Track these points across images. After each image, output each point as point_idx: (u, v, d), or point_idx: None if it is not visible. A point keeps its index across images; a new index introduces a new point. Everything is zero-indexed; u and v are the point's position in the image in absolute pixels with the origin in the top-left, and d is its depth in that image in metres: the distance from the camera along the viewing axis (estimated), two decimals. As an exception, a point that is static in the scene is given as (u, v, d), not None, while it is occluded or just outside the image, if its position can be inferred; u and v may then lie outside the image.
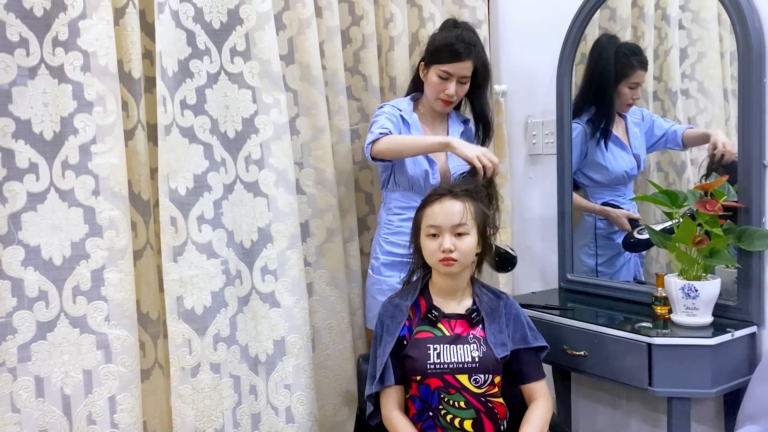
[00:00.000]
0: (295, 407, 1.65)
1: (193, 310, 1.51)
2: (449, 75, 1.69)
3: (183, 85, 1.52)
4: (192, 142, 1.54)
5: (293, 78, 1.73)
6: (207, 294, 1.54)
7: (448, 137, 1.65)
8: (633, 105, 1.78)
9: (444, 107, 1.75)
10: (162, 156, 1.48)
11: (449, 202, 1.41)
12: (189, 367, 1.51)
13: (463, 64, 1.68)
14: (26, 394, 1.42)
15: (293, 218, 1.65)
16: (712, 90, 1.64)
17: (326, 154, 1.75)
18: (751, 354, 1.50)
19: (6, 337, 1.40)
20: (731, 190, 1.50)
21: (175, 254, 1.49)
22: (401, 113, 1.73)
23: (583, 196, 1.90)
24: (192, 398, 1.51)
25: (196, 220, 1.53)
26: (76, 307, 1.45)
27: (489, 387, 1.38)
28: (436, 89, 1.71)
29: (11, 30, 1.38)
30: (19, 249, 1.41)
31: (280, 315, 1.64)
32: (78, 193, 1.45)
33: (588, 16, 1.82)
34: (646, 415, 1.82)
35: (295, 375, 1.65)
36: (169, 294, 1.49)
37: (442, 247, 1.38)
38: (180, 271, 1.49)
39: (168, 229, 1.49)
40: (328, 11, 1.76)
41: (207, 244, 1.55)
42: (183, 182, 1.51)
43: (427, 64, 1.73)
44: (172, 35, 1.49)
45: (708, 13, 1.62)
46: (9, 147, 1.40)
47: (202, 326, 1.53)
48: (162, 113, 1.47)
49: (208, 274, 1.54)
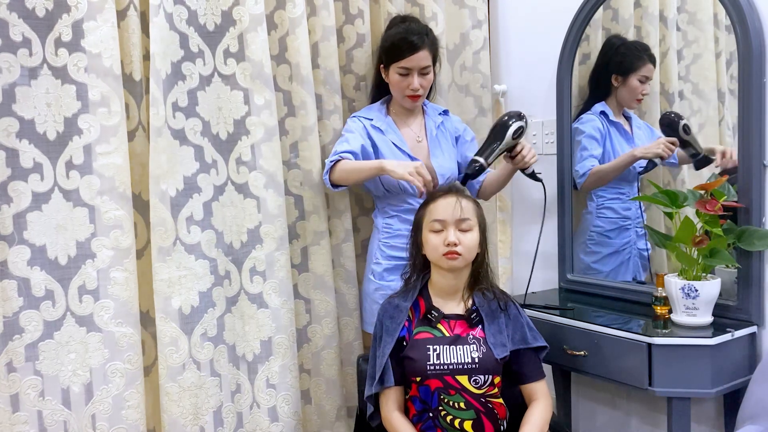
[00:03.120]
0: (280, 406, 1.67)
1: (180, 309, 1.53)
2: (409, 69, 1.69)
3: (175, 87, 1.53)
4: (183, 144, 1.55)
5: (283, 78, 1.73)
6: (195, 294, 1.55)
7: (379, 161, 1.62)
8: (642, 100, 1.77)
9: (413, 103, 1.75)
10: (153, 157, 1.49)
11: (453, 198, 1.43)
12: (176, 365, 1.52)
13: (419, 54, 1.67)
14: (33, 394, 1.43)
15: (282, 220, 1.66)
16: (707, 91, 1.65)
17: (314, 155, 1.74)
18: (751, 354, 1.51)
19: (13, 337, 1.42)
20: (731, 190, 1.50)
21: (164, 255, 1.51)
22: (372, 122, 1.73)
23: (584, 195, 1.91)
24: (178, 396, 1.52)
25: (185, 221, 1.54)
26: (82, 306, 1.47)
27: (489, 388, 1.39)
28: (401, 86, 1.71)
29: (14, 30, 1.39)
30: (24, 249, 1.42)
31: (268, 315, 1.66)
32: (83, 193, 1.46)
33: (588, 16, 1.82)
34: (646, 415, 1.83)
35: (281, 375, 1.66)
36: (158, 294, 1.51)
37: (446, 241, 1.39)
38: (168, 272, 1.51)
39: (158, 229, 1.50)
40: (324, 10, 1.75)
41: (195, 244, 1.56)
42: (173, 183, 1.52)
43: (386, 65, 1.72)
44: (166, 37, 1.50)
45: (704, 14, 1.63)
46: (13, 146, 1.41)
47: (189, 326, 1.54)
48: (154, 115, 1.48)
49: (196, 274, 1.55)
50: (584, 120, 1.87)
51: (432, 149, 1.78)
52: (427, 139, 1.79)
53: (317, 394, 1.81)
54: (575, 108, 1.89)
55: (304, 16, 1.70)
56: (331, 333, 1.79)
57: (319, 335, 1.79)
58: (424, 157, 1.77)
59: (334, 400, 1.82)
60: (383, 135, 1.74)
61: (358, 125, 1.74)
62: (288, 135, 1.75)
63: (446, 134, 1.83)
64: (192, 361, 1.54)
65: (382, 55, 1.74)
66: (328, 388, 1.81)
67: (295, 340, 1.70)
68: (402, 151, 1.74)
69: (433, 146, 1.79)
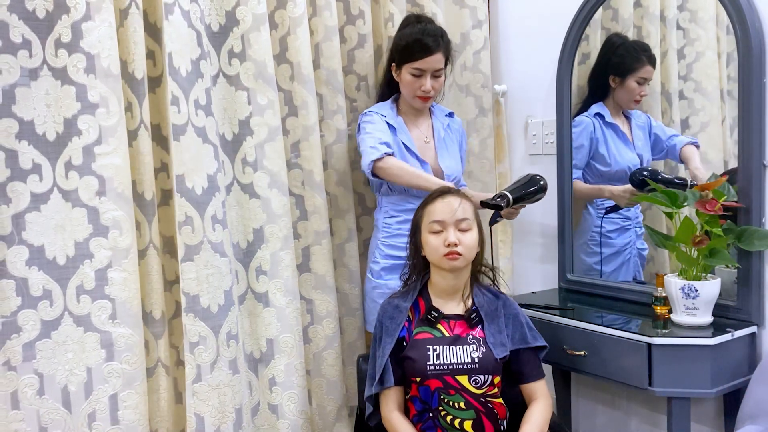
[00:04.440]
0: (286, 405, 1.67)
1: (209, 308, 1.53)
2: (422, 71, 1.68)
3: (196, 84, 1.53)
4: (205, 142, 1.55)
5: (284, 78, 1.73)
6: (221, 293, 1.55)
7: (450, 184, 1.59)
8: (640, 102, 1.78)
9: (423, 104, 1.75)
10: (176, 156, 1.49)
11: (451, 198, 1.43)
12: (205, 364, 1.52)
13: (434, 57, 1.67)
14: (31, 392, 1.43)
15: (286, 219, 1.67)
16: (710, 90, 1.64)
17: (314, 154, 1.74)
18: (751, 354, 1.50)
19: (11, 336, 1.41)
20: (731, 190, 1.50)
21: (192, 253, 1.51)
22: (386, 119, 1.73)
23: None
24: (207, 395, 1.52)
25: (210, 219, 1.54)
26: (80, 306, 1.46)
27: (489, 387, 1.39)
28: (412, 87, 1.71)
29: (14, 31, 1.39)
30: (23, 249, 1.42)
31: (273, 315, 1.66)
32: (82, 194, 1.46)
33: (588, 16, 1.82)
34: (646, 415, 1.83)
35: (287, 373, 1.67)
36: (186, 292, 1.51)
37: (446, 241, 1.39)
38: (197, 270, 1.51)
39: (185, 228, 1.50)
40: (326, 10, 1.76)
41: (220, 243, 1.56)
42: (199, 182, 1.52)
43: (399, 65, 1.72)
44: (184, 35, 1.50)
45: (706, 13, 1.62)
46: (12, 147, 1.41)
47: (217, 324, 1.55)
48: (175, 113, 1.48)
49: (221, 272, 1.55)
50: (575, 124, 1.87)
51: (439, 150, 1.78)
52: (435, 140, 1.80)
53: (318, 395, 1.81)
54: (574, 107, 1.89)
55: (305, 16, 1.70)
56: (332, 334, 1.79)
57: (320, 336, 1.79)
58: (432, 158, 1.77)
59: (335, 401, 1.82)
60: (395, 134, 1.74)
61: (381, 120, 1.72)
62: (289, 135, 1.75)
63: (453, 136, 1.84)
64: (221, 359, 1.54)
65: (394, 54, 1.73)
66: (329, 388, 1.81)
67: (300, 339, 1.70)
68: (411, 152, 1.74)
69: (440, 147, 1.79)
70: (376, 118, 1.72)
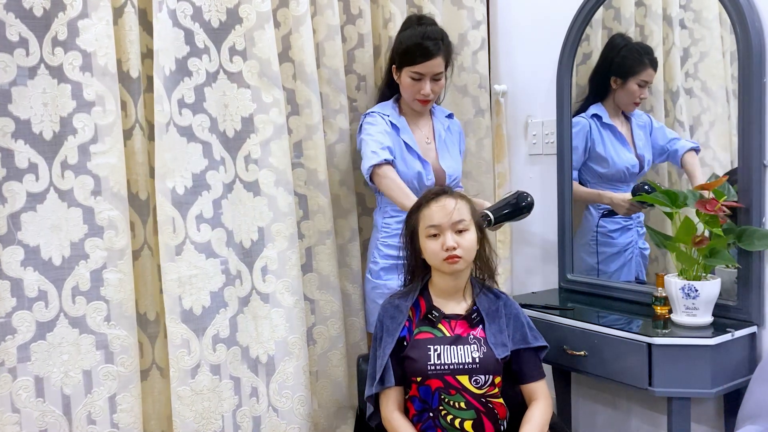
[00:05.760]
0: (296, 408, 1.65)
1: (191, 310, 1.51)
2: (422, 75, 1.67)
3: (181, 83, 1.52)
4: (191, 141, 1.53)
5: (287, 76, 1.72)
6: (206, 294, 1.53)
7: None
8: (639, 104, 1.78)
9: (423, 107, 1.75)
10: (159, 155, 1.48)
11: (445, 200, 1.40)
12: (188, 368, 1.50)
13: (434, 61, 1.66)
14: (26, 394, 1.42)
15: (292, 218, 1.65)
16: (715, 89, 1.64)
17: (318, 153, 1.73)
18: (751, 354, 1.50)
19: (5, 337, 1.40)
20: (731, 190, 1.50)
21: (174, 254, 1.49)
22: (389, 118, 1.72)
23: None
24: (191, 400, 1.50)
25: (194, 220, 1.53)
26: (75, 308, 1.45)
27: (489, 387, 1.38)
28: (412, 90, 1.70)
29: (11, 30, 1.38)
30: (18, 249, 1.41)
31: (281, 315, 1.64)
32: (77, 193, 1.45)
33: (589, 15, 1.82)
34: (646, 415, 1.82)
35: (296, 376, 1.65)
36: (168, 294, 1.49)
37: (445, 246, 1.37)
38: (178, 271, 1.49)
39: (165, 228, 1.48)
40: (329, 9, 1.75)
41: (206, 243, 1.54)
42: (181, 181, 1.50)
43: (399, 67, 1.71)
44: (169, 34, 1.49)
45: (710, 12, 1.62)
46: (8, 147, 1.40)
47: (200, 327, 1.53)
48: (159, 112, 1.47)
49: (207, 273, 1.53)
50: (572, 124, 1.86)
51: (440, 151, 1.78)
52: (435, 141, 1.79)
53: (323, 396, 1.80)
54: (573, 106, 1.89)
55: (308, 15, 1.69)
56: (336, 334, 1.78)
57: (325, 336, 1.78)
58: (433, 158, 1.77)
59: (339, 402, 1.81)
60: (398, 134, 1.73)
61: (384, 120, 1.71)
62: (292, 134, 1.74)
63: (453, 137, 1.84)
64: (204, 363, 1.52)
65: (395, 57, 1.72)
66: (334, 389, 1.80)
67: (306, 340, 1.68)
68: (413, 152, 1.73)
69: (441, 148, 1.79)
70: (379, 119, 1.71)
